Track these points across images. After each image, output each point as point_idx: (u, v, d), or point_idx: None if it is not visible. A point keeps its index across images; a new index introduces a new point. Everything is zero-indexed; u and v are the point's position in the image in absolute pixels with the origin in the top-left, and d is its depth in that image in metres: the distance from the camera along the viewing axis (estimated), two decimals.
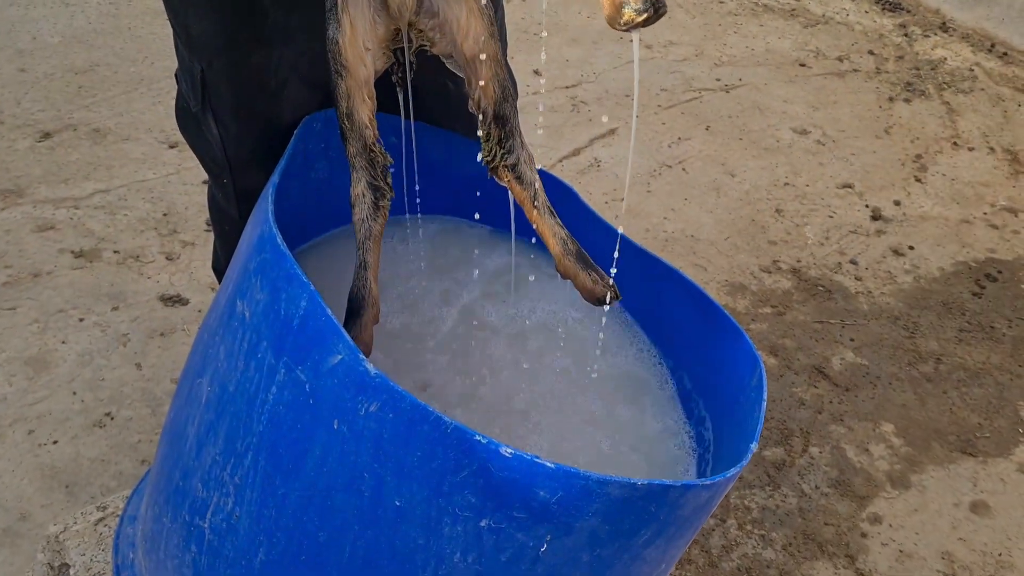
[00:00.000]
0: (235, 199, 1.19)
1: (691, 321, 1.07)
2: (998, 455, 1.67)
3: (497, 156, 0.95)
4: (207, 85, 1.06)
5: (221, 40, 1.02)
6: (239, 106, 1.07)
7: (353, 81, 0.89)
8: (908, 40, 3.01)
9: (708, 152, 2.42)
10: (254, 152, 1.12)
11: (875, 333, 1.90)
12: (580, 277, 0.97)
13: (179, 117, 1.19)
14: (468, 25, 0.90)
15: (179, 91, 1.16)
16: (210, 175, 1.22)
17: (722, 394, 1.02)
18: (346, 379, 0.76)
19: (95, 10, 2.70)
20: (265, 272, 0.85)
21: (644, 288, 1.11)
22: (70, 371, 1.63)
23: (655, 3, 0.74)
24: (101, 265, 1.85)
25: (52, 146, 2.15)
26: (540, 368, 1.07)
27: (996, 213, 2.28)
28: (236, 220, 1.21)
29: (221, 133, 1.10)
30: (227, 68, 1.04)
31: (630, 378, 1.09)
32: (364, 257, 0.94)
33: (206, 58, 1.04)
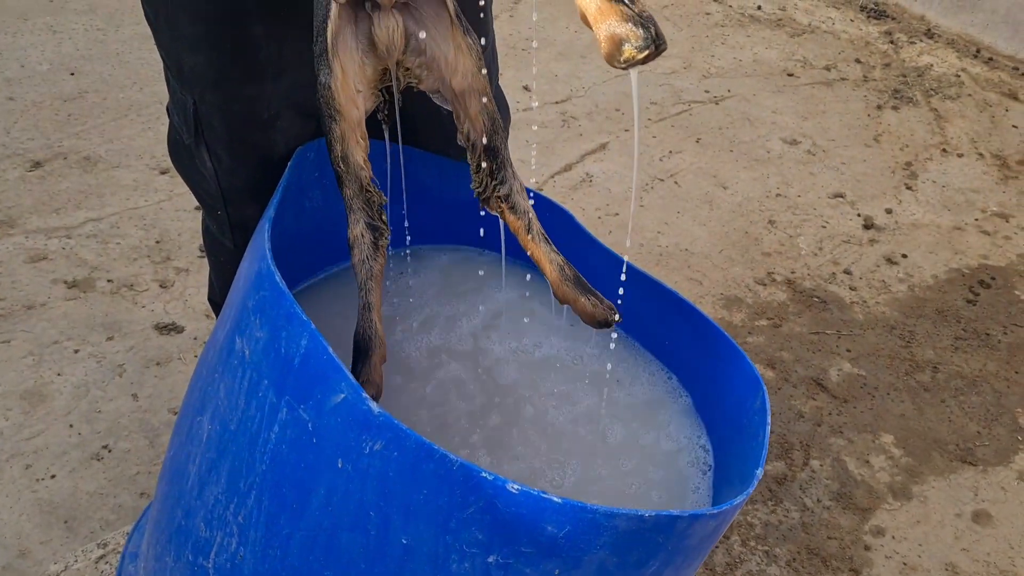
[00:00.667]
0: (230, 230, 1.18)
1: (693, 343, 1.06)
2: (998, 463, 1.67)
3: (489, 187, 0.95)
4: (200, 118, 1.06)
5: (213, 74, 1.02)
6: (233, 138, 1.07)
7: (346, 124, 0.89)
8: (894, 47, 3.03)
9: (699, 164, 2.42)
10: (248, 183, 1.12)
11: (871, 343, 1.91)
12: (579, 302, 0.97)
13: (172, 149, 1.19)
14: (456, 61, 0.90)
15: (171, 124, 1.16)
16: (204, 207, 1.22)
17: (725, 417, 1.02)
18: (349, 418, 0.75)
19: (82, 36, 2.70)
20: (264, 310, 0.84)
21: (646, 311, 1.11)
22: (66, 404, 1.62)
23: (656, 40, 0.72)
24: (95, 295, 1.84)
25: (43, 175, 2.14)
26: (548, 396, 1.07)
27: (987, 219, 2.29)
28: (232, 251, 1.20)
29: (215, 165, 1.10)
30: (220, 101, 1.04)
31: (641, 399, 1.08)
32: (367, 298, 0.94)
33: (198, 91, 1.04)
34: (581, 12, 0.75)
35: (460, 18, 0.90)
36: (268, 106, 1.04)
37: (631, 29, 0.71)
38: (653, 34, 0.71)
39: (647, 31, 0.71)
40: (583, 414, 1.06)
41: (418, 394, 1.05)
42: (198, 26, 0.98)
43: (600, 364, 1.11)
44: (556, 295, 0.98)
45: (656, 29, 0.72)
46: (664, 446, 1.04)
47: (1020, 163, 2.51)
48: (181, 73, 1.03)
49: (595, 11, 0.73)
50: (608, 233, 2.15)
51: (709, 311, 1.96)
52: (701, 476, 1.01)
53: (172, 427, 1.60)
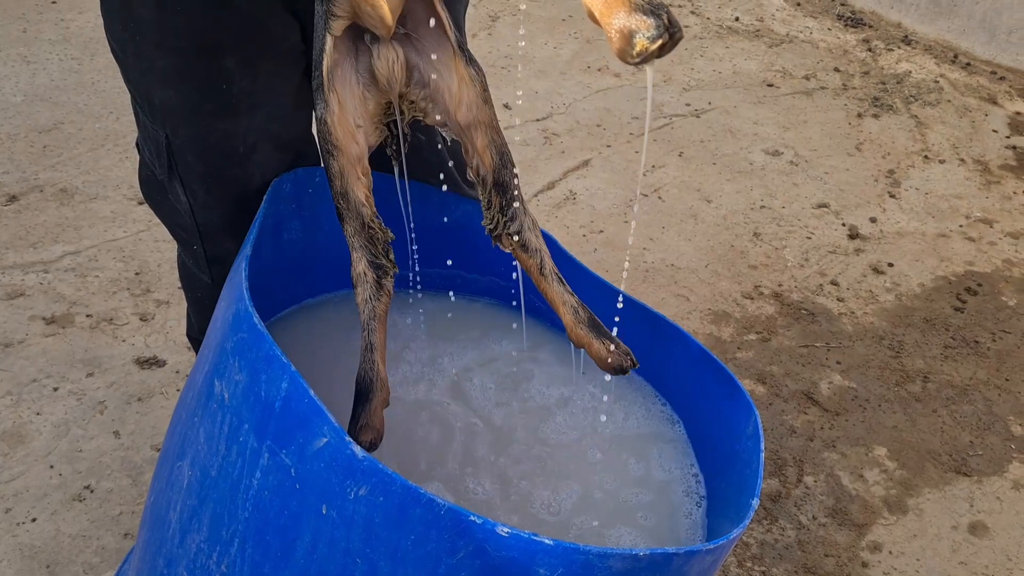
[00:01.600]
0: (207, 265, 1.16)
1: (685, 369, 1.05)
2: (992, 473, 1.66)
3: (500, 224, 0.92)
4: (173, 153, 1.04)
5: (185, 108, 1.00)
6: (208, 173, 1.05)
7: (345, 160, 0.86)
8: (872, 55, 3.04)
9: (683, 178, 2.42)
10: (225, 217, 1.10)
11: (861, 354, 1.90)
12: (594, 346, 0.93)
13: (143, 185, 1.16)
14: (460, 93, 0.88)
15: (141, 159, 1.14)
16: (179, 242, 1.19)
17: (717, 444, 1.00)
18: (333, 462, 0.73)
19: (57, 66, 2.67)
20: (243, 352, 0.82)
21: (637, 336, 1.09)
22: (46, 444, 1.58)
23: (669, 27, 0.67)
24: (74, 330, 1.81)
25: (19, 209, 2.11)
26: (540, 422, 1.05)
27: (972, 225, 2.29)
28: (209, 286, 1.18)
29: (190, 200, 1.08)
30: (193, 136, 1.02)
31: (632, 427, 1.06)
32: (370, 338, 0.91)
33: (170, 126, 1.02)
34: (588, 10, 0.70)
35: (463, 48, 0.88)
36: (243, 140, 1.02)
37: (641, 19, 0.66)
38: (665, 21, 0.66)
39: (658, 19, 0.66)
40: (574, 441, 1.04)
41: (410, 423, 1.03)
42: (168, 59, 0.96)
43: (593, 391, 1.09)
44: (571, 338, 0.94)
45: (669, 16, 0.67)
46: (656, 475, 1.02)
47: (1002, 168, 2.52)
48: (152, 108, 1.01)
49: (602, 5, 0.68)
50: (593, 251, 2.13)
51: (697, 327, 1.94)
52: (694, 506, 0.99)
53: (155, 464, 1.57)
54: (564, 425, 1.05)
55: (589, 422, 1.05)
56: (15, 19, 2.89)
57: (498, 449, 1.01)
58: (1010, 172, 2.50)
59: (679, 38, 0.67)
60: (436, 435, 1.02)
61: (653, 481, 1.01)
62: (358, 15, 0.83)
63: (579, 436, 1.04)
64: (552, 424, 1.05)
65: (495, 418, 1.04)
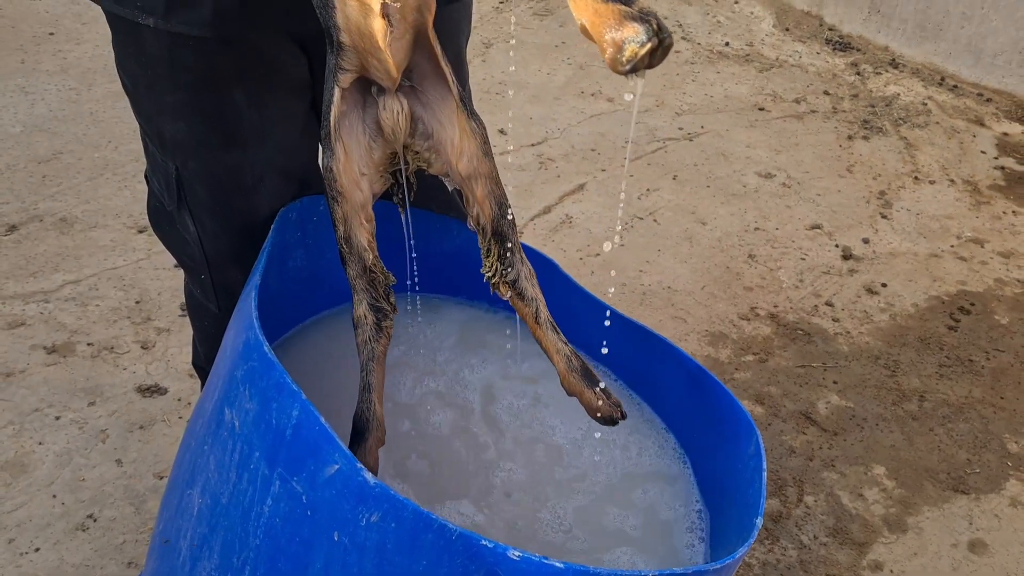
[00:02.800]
0: (214, 294, 1.17)
1: (685, 390, 1.06)
2: (990, 491, 1.67)
3: (498, 272, 0.94)
4: (183, 184, 1.06)
5: (195, 141, 1.02)
6: (216, 204, 1.07)
7: (349, 206, 0.89)
8: (861, 78, 3.08)
9: (677, 201, 2.44)
10: (232, 247, 1.12)
11: (857, 374, 1.91)
12: (585, 395, 0.95)
13: (152, 216, 1.18)
14: (462, 145, 0.90)
15: (150, 191, 1.15)
16: (187, 272, 1.21)
17: (719, 464, 1.01)
18: (344, 489, 0.74)
19: (55, 96, 2.69)
20: (253, 381, 0.83)
21: (637, 358, 1.11)
22: (49, 473, 1.58)
23: (659, 32, 0.68)
24: (75, 359, 1.82)
25: (19, 239, 2.12)
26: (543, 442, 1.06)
27: (963, 245, 2.32)
28: (216, 315, 1.19)
29: (198, 230, 1.10)
30: (203, 168, 1.04)
31: (633, 448, 1.08)
32: (368, 379, 0.93)
33: (180, 159, 1.04)
34: (581, 24, 0.72)
35: (465, 102, 0.90)
36: (251, 171, 1.04)
37: (630, 26, 0.68)
38: (654, 27, 0.68)
39: (647, 24, 0.67)
40: (576, 462, 1.05)
41: (423, 443, 1.04)
42: (179, 94, 0.98)
43: None
44: (563, 385, 0.96)
45: (658, 22, 0.68)
46: (657, 495, 1.03)
47: (991, 188, 2.55)
48: (162, 141, 1.03)
49: (592, 16, 0.70)
50: (591, 274, 2.15)
51: (695, 348, 1.96)
52: (698, 531, 1.00)
53: (158, 492, 1.57)
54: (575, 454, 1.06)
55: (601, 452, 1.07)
56: (13, 50, 2.91)
57: (509, 475, 1.02)
58: (999, 192, 2.54)
59: (668, 44, 0.68)
60: (448, 458, 1.03)
61: (653, 500, 1.02)
62: (365, 68, 0.86)
63: (590, 465, 1.05)
64: (563, 450, 1.06)
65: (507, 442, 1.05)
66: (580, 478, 1.03)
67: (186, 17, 0.90)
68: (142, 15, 0.91)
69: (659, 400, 1.11)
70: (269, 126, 1.02)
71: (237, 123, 1.00)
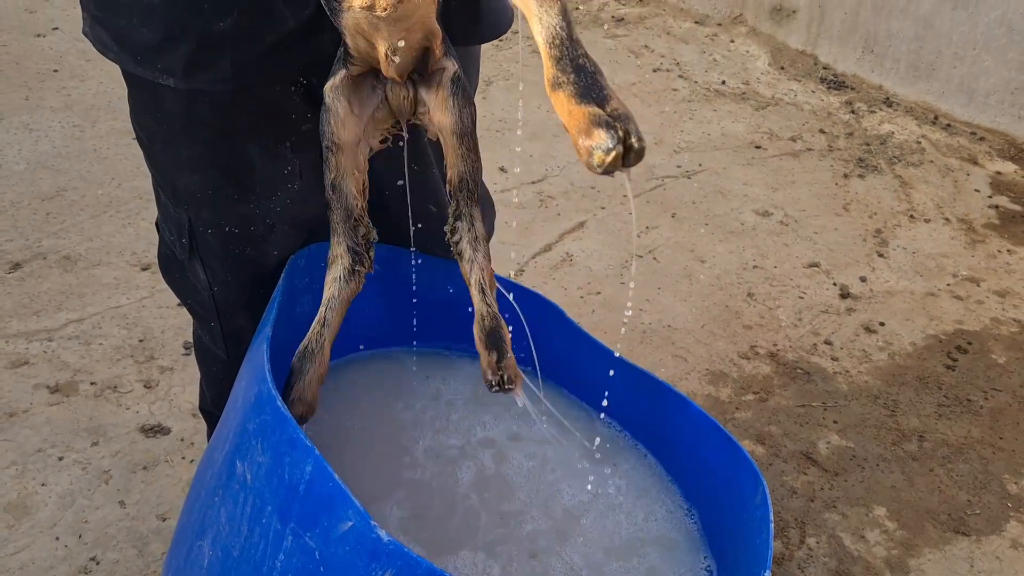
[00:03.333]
0: (223, 341, 1.19)
1: (690, 438, 1.07)
2: (991, 532, 1.68)
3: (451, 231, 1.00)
4: (195, 235, 1.07)
5: (209, 193, 1.03)
6: (227, 253, 1.08)
7: (343, 156, 0.94)
8: (855, 117, 3.13)
9: (676, 239, 2.47)
10: (242, 295, 1.13)
11: (857, 413, 1.93)
12: (484, 357, 0.98)
13: (163, 264, 1.19)
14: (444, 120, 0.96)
15: (161, 240, 1.17)
16: (196, 319, 1.22)
17: (724, 513, 1.02)
18: (358, 546, 0.75)
19: (59, 134, 2.71)
20: (266, 435, 0.84)
21: (639, 403, 1.12)
22: (51, 515, 1.58)
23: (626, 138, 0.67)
24: (78, 399, 1.82)
25: (22, 277, 2.13)
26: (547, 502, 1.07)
27: (959, 284, 2.34)
28: (225, 361, 1.21)
29: (209, 278, 1.11)
30: (215, 219, 1.05)
31: (635, 493, 1.08)
32: (326, 315, 0.98)
33: (194, 210, 1.05)
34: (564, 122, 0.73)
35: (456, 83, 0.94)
36: (262, 222, 1.06)
37: (597, 133, 0.68)
38: (620, 134, 0.68)
39: (613, 131, 0.68)
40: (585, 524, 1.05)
41: (435, 498, 1.05)
42: (195, 148, 1.00)
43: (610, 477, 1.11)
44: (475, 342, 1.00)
45: (625, 128, 0.68)
46: (663, 559, 1.03)
47: (986, 227, 2.58)
48: (176, 192, 1.05)
49: (567, 118, 0.71)
50: (591, 312, 2.17)
51: (696, 387, 1.97)
52: None
53: (161, 534, 1.57)
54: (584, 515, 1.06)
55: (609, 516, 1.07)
56: (17, 87, 2.94)
57: (517, 533, 1.03)
58: (994, 231, 2.57)
59: (639, 148, 0.68)
60: (460, 514, 1.04)
61: (656, 550, 1.03)
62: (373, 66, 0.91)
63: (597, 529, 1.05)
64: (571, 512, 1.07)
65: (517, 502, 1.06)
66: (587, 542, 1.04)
67: (205, 76, 0.92)
68: (162, 76, 0.93)
69: (664, 449, 1.12)
70: (281, 178, 1.04)
71: (250, 175, 1.02)
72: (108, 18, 0.94)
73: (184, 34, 0.90)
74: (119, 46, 0.94)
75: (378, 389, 1.18)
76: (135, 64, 0.94)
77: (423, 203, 1.14)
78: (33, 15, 3.46)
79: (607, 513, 1.06)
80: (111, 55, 0.97)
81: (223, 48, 0.91)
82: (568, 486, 1.08)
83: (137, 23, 0.91)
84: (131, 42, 0.93)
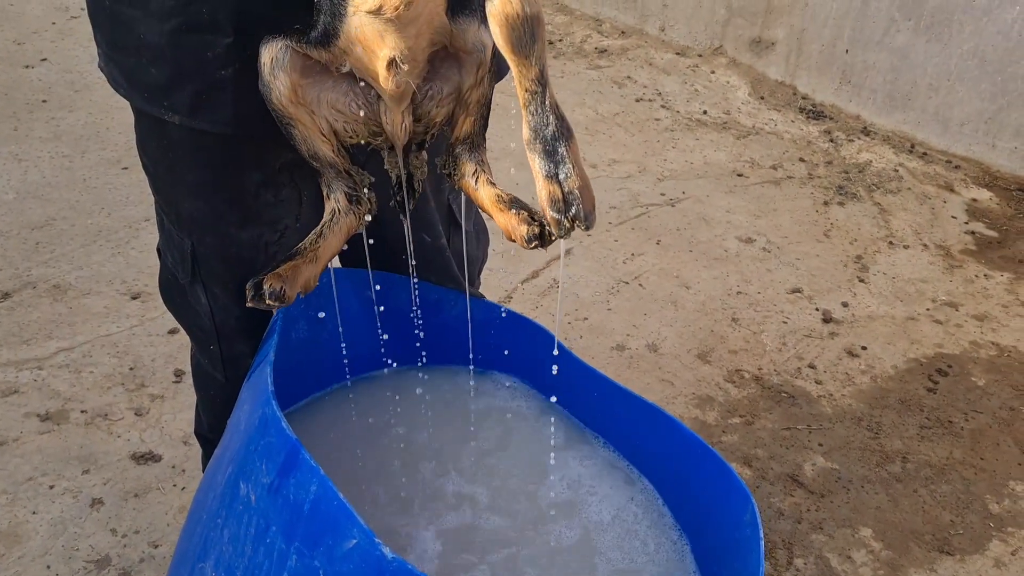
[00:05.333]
0: (222, 365, 1.20)
1: (677, 458, 1.10)
2: (974, 551, 1.71)
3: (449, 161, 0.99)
4: (197, 260, 1.09)
5: (212, 218, 1.06)
6: (229, 279, 1.11)
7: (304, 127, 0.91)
8: (834, 145, 3.20)
9: (661, 265, 2.51)
10: (241, 320, 1.15)
11: (841, 436, 1.96)
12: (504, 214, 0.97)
13: (164, 289, 1.21)
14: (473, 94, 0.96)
15: (163, 265, 1.19)
16: (196, 343, 1.24)
17: (714, 534, 1.04)
18: (363, 564, 0.77)
19: (48, 164, 2.73)
20: (270, 456, 0.86)
21: (625, 422, 1.14)
22: (43, 544, 1.58)
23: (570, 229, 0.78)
24: (69, 427, 1.82)
25: (11, 306, 2.13)
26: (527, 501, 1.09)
27: (938, 308, 2.39)
28: (223, 384, 1.22)
29: (210, 303, 1.13)
30: (217, 244, 1.08)
31: (620, 515, 1.10)
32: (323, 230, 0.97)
33: (197, 235, 1.08)
34: None
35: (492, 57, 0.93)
36: (264, 249, 1.08)
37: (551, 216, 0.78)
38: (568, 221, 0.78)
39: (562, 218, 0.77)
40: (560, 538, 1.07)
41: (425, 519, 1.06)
42: (199, 173, 1.03)
43: (582, 479, 1.13)
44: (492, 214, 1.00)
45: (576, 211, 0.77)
46: (649, 570, 1.05)
47: (963, 252, 2.64)
48: (180, 218, 1.07)
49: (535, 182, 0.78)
50: (579, 338, 2.20)
51: (683, 411, 2.00)
52: None
53: (153, 562, 1.57)
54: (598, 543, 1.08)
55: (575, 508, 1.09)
56: (6, 118, 2.96)
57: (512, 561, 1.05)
58: (971, 256, 2.63)
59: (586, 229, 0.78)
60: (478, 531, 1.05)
61: None
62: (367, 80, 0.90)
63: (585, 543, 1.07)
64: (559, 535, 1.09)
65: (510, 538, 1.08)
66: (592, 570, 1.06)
67: (209, 117, 0.95)
68: (168, 113, 0.96)
69: (655, 471, 1.14)
70: (283, 206, 1.07)
71: (253, 203, 1.04)
72: (120, 56, 0.97)
73: (189, 78, 0.93)
74: (128, 83, 0.97)
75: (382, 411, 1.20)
76: (143, 101, 0.97)
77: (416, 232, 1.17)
78: (21, 46, 3.48)
79: (596, 537, 1.07)
80: (121, 91, 0.99)
81: (225, 95, 0.94)
82: (552, 503, 1.10)
83: (146, 63, 0.94)
84: (140, 81, 0.96)
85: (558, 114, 0.78)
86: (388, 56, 0.83)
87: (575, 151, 0.78)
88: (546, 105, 0.77)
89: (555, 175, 0.77)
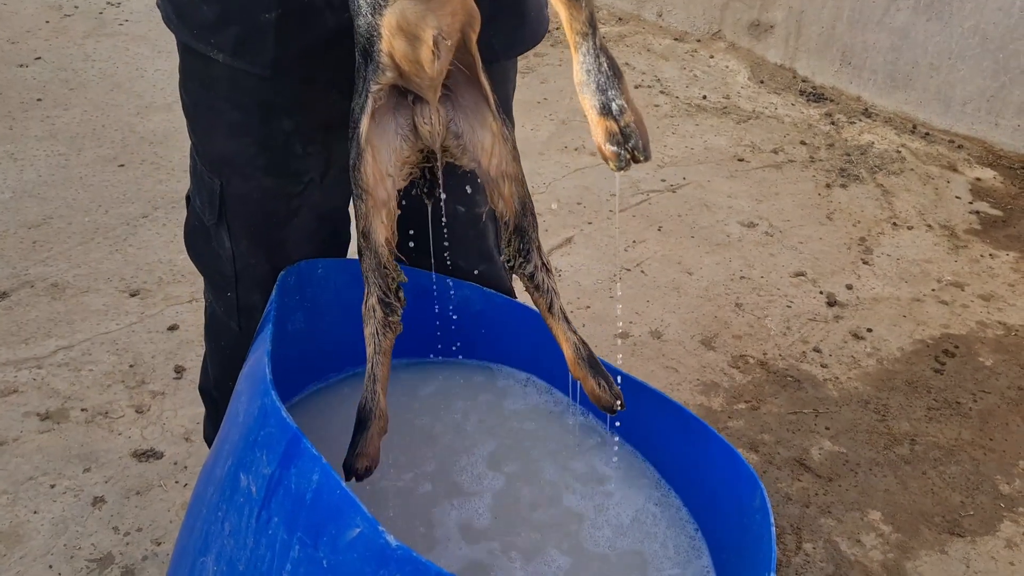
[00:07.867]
0: (236, 314, 1.22)
1: (685, 446, 1.08)
2: (985, 533, 1.69)
3: (516, 263, 1.01)
4: (224, 201, 1.12)
5: (241, 160, 1.08)
6: (252, 224, 1.13)
7: (372, 203, 0.94)
8: (835, 128, 3.17)
9: (663, 252, 2.49)
10: (260, 270, 1.17)
11: (848, 419, 1.94)
12: (588, 382, 1.02)
13: (188, 238, 1.24)
14: (493, 148, 0.96)
15: (190, 211, 1.22)
16: (214, 290, 1.25)
17: (724, 522, 1.03)
18: (366, 553, 0.75)
19: (44, 162, 2.71)
20: (271, 446, 0.84)
21: (638, 415, 1.13)
22: (44, 543, 1.56)
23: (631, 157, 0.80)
24: (69, 426, 1.81)
25: (10, 305, 2.12)
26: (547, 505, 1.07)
27: (943, 289, 2.37)
28: (236, 334, 1.24)
29: (233, 247, 1.16)
30: (245, 187, 1.10)
31: (633, 508, 1.09)
32: (374, 371, 0.98)
33: (227, 176, 1.10)
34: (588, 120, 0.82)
35: (499, 109, 0.96)
36: (288, 202, 1.10)
37: (609, 150, 0.79)
38: (628, 152, 0.79)
39: (620, 150, 0.79)
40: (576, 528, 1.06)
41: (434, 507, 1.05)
42: (234, 114, 1.05)
43: (595, 471, 1.12)
44: (571, 371, 1.03)
45: (635, 143, 0.79)
46: (661, 558, 1.03)
47: (967, 232, 2.62)
48: (211, 158, 1.10)
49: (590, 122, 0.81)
50: (583, 326, 2.17)
51: (688, 398, 1.98)
52: None
53: (156, 559, 1.55)
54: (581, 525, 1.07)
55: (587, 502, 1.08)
56: (1, 117, 2.94)
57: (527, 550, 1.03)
58: (975, 236, 2.60)
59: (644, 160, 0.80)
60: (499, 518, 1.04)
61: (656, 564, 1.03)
62: (404, 80, 0.91)
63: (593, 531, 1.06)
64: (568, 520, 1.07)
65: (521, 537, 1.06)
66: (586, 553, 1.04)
67: (250, 59, 1.00)
68: (213, 51, 1.01)
69: (660, 456, 1.13)
70: (309, 160, 1.09)
71: (281, 150, 1.07)
72: None
73: (235, 17, 0.98)
74: (179, 19, 1.03)
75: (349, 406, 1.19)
76: (191, 38, 1.02)
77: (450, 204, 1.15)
78: (15, 45, 3.46)
79: (605, 525, 1.06)
80: (172, 27, 1.05)
81: (267, 38, 0.98)
82: (567, 495, 1.08)
83: (198, 1, 1.00)
84: (190, 17, 1.02)
85: (608, 54, 0.80)
86: (432, 35, 0.86)
87: (626, 89, 0.80)
88: (597, 46, 0.80)
89: (609, 111, 0.79)
